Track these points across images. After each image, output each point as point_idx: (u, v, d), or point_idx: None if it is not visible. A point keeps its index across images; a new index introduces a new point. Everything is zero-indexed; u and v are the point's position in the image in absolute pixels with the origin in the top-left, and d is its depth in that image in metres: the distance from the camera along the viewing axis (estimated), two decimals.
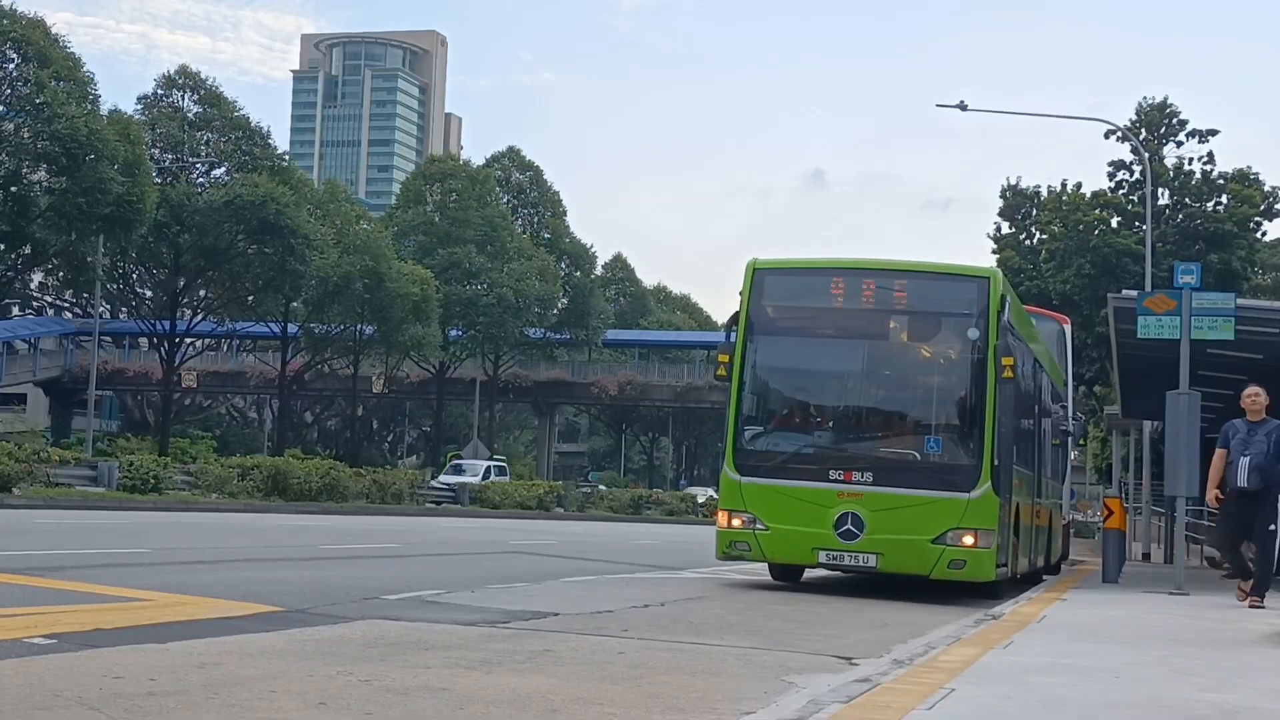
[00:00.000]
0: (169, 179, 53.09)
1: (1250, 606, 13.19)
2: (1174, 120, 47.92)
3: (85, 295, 61.17)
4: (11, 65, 43.30)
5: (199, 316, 61.20)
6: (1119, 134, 45.53)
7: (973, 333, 13.41)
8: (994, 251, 49.73)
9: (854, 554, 13.22)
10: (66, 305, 70.81)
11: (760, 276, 14.08)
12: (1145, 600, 14.51)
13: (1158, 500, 35.29)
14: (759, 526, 13.58)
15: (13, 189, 42.77)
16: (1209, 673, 7.75)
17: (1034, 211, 49.54)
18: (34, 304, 70.82)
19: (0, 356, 70.34)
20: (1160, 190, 45.85)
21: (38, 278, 62.76)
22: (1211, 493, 13.70)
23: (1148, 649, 8.97)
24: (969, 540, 13.10)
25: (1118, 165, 48.34)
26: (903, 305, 13.91)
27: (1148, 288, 30.07)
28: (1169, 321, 15.67)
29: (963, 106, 33.39)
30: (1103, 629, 10.40)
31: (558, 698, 5.97)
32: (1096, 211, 46.81)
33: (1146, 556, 34.28)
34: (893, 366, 14.33)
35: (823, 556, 13.39)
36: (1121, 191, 48.08)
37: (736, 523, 13.71)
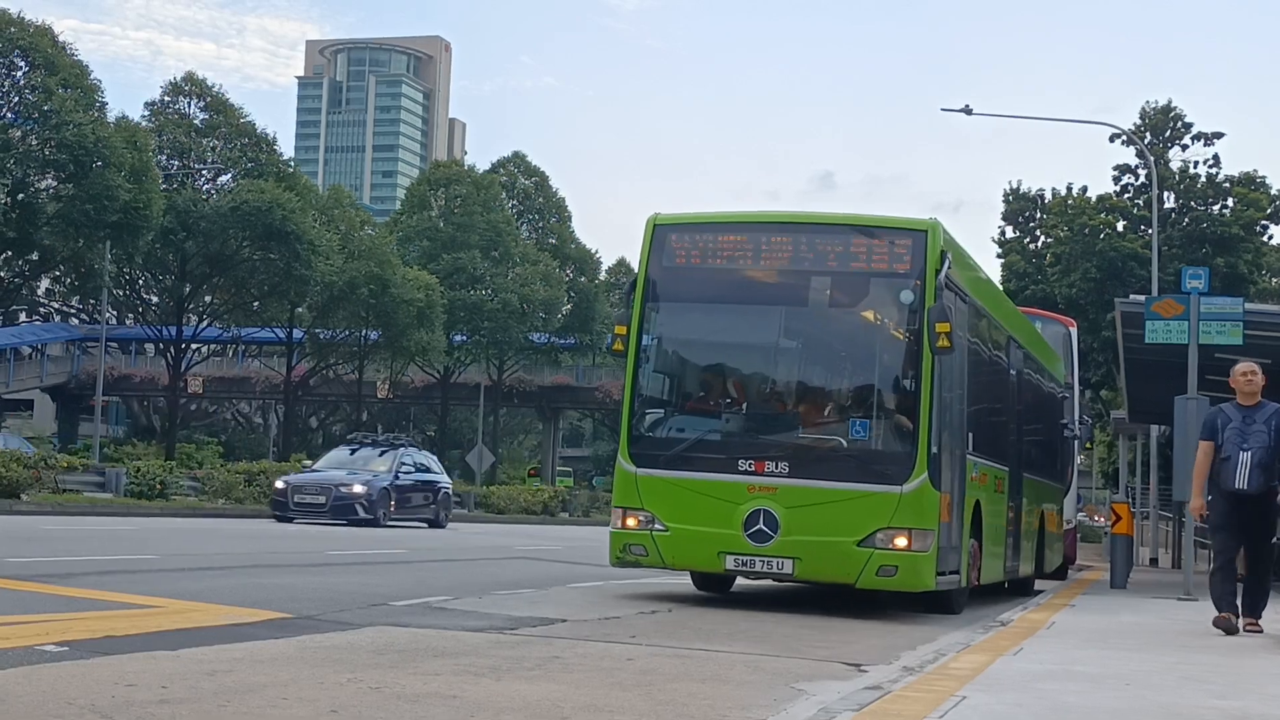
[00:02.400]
0: (175, 185, 53.18)
1: (1246, 630, 10.93)
2: (1179, 124, 47.94)
3: (92, 301, 61.30)
4: (19, 73, 43.40)
5: (205, 322, 61.32)
6: (1124, 138, 45.51)
7: (907, 296, 11.26)
8: (999, 255, 49.78)
9: (766, 559, 11.20)
10: (73, 311, 70.92)
11: (661, 234, 12.05)
12: (1154, 606, 14.49)
13: (1165, 505, 35.26)
14: (657, 527, 11.53)
15: (20, 196, 42.85)
16: (1219, 679, 7.74)
17: (1038, 215, 49.55)
18: (41, 310, 70.92)
19: (8, 363, 70.46)
20: (1166, 194, 45.85)
21: (45, 284, 62.85)
22: (1197, 501, 11.16)
23: (1157, 655, 8.96)
24: (901, 542, 10.94)
25: (1123, 169, 48.38)
26: (826, 265, 11.74)
27: (1154, 291, 30.07)
28: (1177, 326, 15.68)
29: (968, 110, 33.39)
30: (1112, 635, 10.39)
31: (568, 705, 5.97)
32: (1102, 215, 46.84)
33: (1154, 562, 34.26)
34: (814, 337, 12.34)
35: (730, 562, 11.35)
36: (1127, 195, 48.12)
37: (632, 522, 11.65)
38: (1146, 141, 45.90)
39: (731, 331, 12.37)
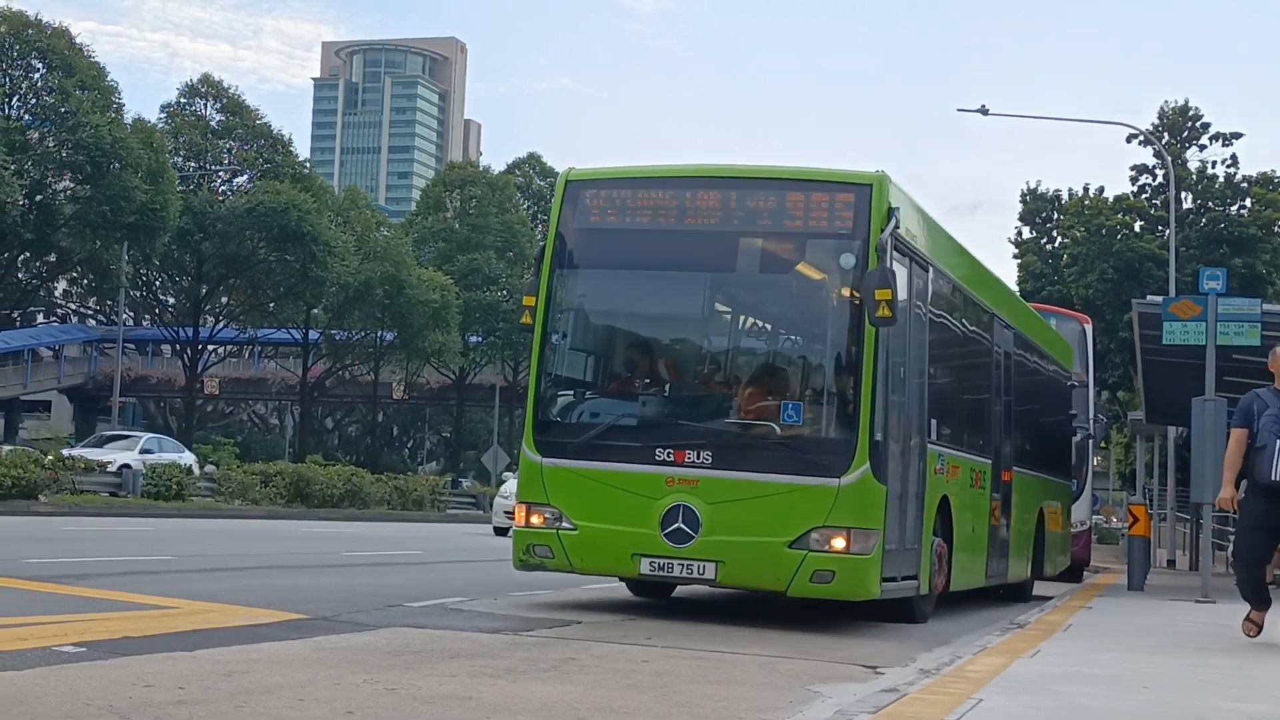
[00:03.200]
0: (192, 187, 53.35)
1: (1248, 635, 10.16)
2: (1197, 124, 47.79)
3: (109, 303, 61.50)
4: (37, 74, 43.62)
5: (221, 323, 61.52)
6: (1141, 138, 45.39)
7: (847, 259, 9.83)
8: (1015, 256, 49.68)
9: (685, 562, 9.76)
10: (90, 313, 71.18)
11: (574, 191, 10.64)
12: (1172, 608, 14.44)
13: (1182, 507, 35.15)
14: (564, 525, 10.08)
15: (38, 198, 43.03)
16: (1238, 682, 7.72)
17: (1055, 216, 49.47)
18: (58, 311, 71.18)
19: (25, 364, 70.72)
20: (1183, 194, 45.71)
21: (62, 285, 63.08)
22: (1228, 491, 9.96)
23: (1175, 658, 8.93)
24: (839, 543, 9.52)
25: (1140, 169, 48.24)
26: (757, 225, 10.35)
27: (1171, 292, 29.99)
28: (1194, 327, 15.63)
29: (984, 111, 33.32)
30: (1129, 637, 10.35)
31: (583, 706, 5.98)
32: (1119, 216, 46.71)
33: (1171, 563, 34.15)
34: (743, 307, 11.15)
35: (646, 565, 9.89)
36: (1144, 195, 47.97)
37: (536, 520, 10.20)
38: (1164, 141, 45.76)
39: (650, 301, 10.94)
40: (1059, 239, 49.17)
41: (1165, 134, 47.00)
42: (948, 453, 11.71)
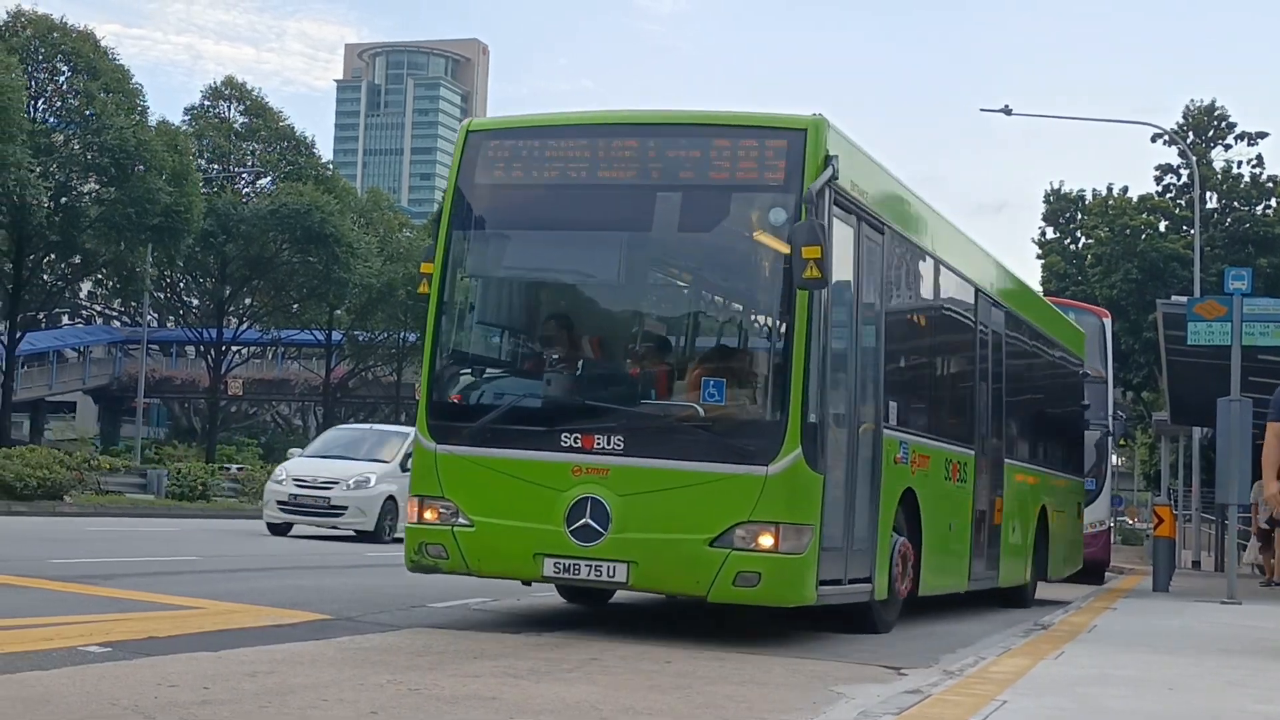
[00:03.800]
0: (215, 189, 53.57)
1: None
2: (1222, 123, 47.59)
3: (133, 304, 61.76)
4: (62, 78, 43.87)
5: (244, 324, 61.72)
6: (1166, 137, 45.20)
7: (778, 215, 8.66)
8: (1039, 256, 49.54)
9: (594, 563, 8.59)
10: (115, 314, 71.54)
11: (475, 143, 9.49)
12: (1197, 609, 14.37)
13: (1207, 508, 34.99)
14: (460, 521, 8.92)
15: (63, 200, 43.27)
16: (1263, 684, 7.68)
17: (1079, 216, 49.32)
18: (83, 313, 71.59)
19: (51, 365, 71.12)
20: (1208, 194, 45.51)
21: (87, 287, 63.42)
22: (1273, 487, 9.51)
23: (1201, 660, 8.89)
24: (766, 540, 8.36)
25: (1165, 169, 48.07)
26: (677, 177, 9.16)
27: (1196, 292, 29.85)
28: (1220, 328, 15.56)
29: (1007, 111, 33.22)
30: (1154, 639, 10.31)
31: (606, 707, 5.98)
32: (1143, 216, 46.55)
33: (1196, 565, 33.99)
34: (660, 272, 9.99)
35: (549, 566, 8.69)
36: (1169, 195, 47.78)
37: (430, 515, 9.06)
38: (1189, 141, 45.55)
39: (558, 266, 9.84)
40: (1083, 239, 49.01)
41: (1190, 133, 46.80)
42: (913, 440, 10.46)
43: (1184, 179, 46.72)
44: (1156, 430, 39.85)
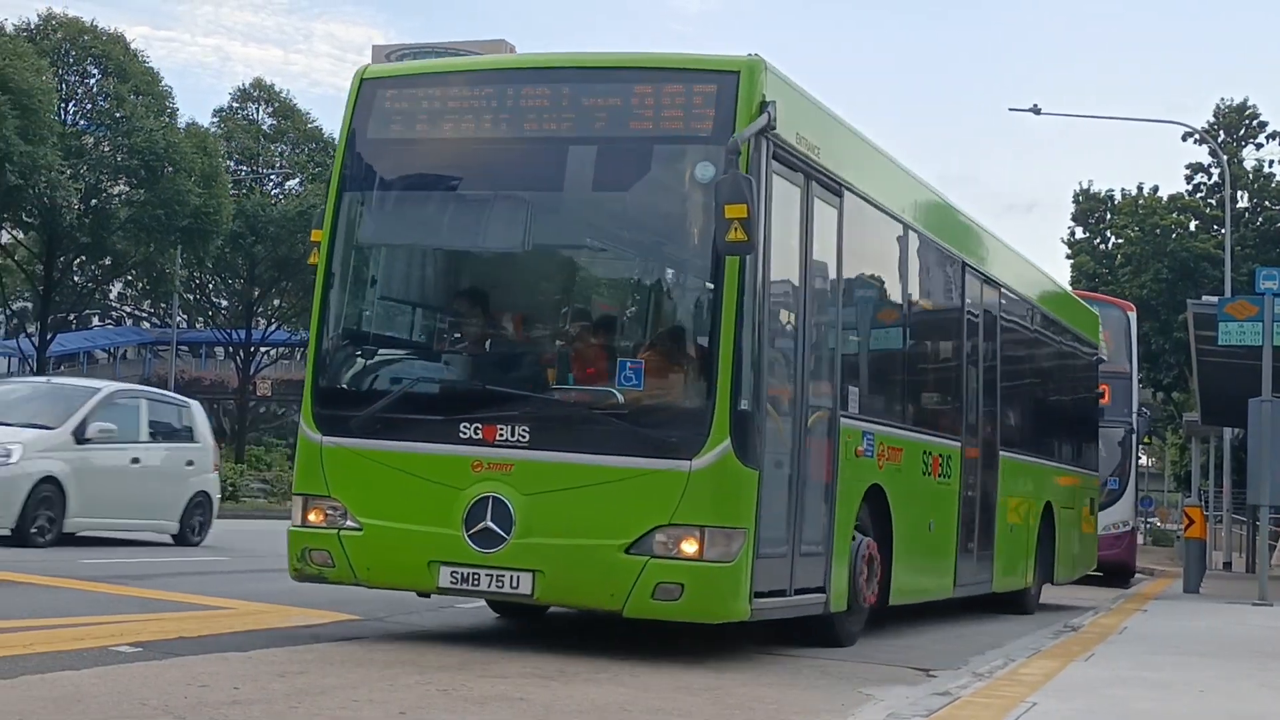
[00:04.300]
0: (244, 190, 53.82)
1: None
2: (1253, 122, 47.29)
3: (163, 305, 62.12)
4: (92, 80, 44.16)
5: (273, 325, 61.97)
6: (1196, 136, 44.94)
7: (705, 171, 7.52)
8: (1068, 256, 49.33)
9: (495, 571, 7.56)
10: (145, 315, 71.91)
11: (369, 94, 8.41)
12: (1228, 611, 14.28)
13: (1238, 509, 34.78)
14: (348, 525, 7.89)
15: (93, 202, 43.52)
16: None
17: (1109, 215, 49.12)
18: (113, 314, 71.98)
19: (81, 366, 71.60)
20: (1239, 193, 45.23)
21: (117, 288, 63.80)
22: None
23: (1232, 662, 8.83)
24: (689, 546, 7.34)
25: (1195, 168, 47.78)
26: (592, 129, 8.03)
27: (1227, 292, 29.67)
28: (1251, 328, 15.46)
29: (1036, 110, 33.08)
30: (1185, 641, 10.25)
31: (635, 709, 5.99)
32: (1173, 215, 46.28)
33: (1228, 566, 33.79)
34: (573, 237, 8.82)
35: (446, 576, 7.66)
36: (1199, 195, 47.51)
37: (314, 517, 8.02)
38: (1220, 140, 45.26)
39: (457, 232, 8.71)
40: (1113, 239, 48.78)
41: (1221, 132, 46.51)
42: (881, 431, 9.42)
43: (1215, 178, 46.44)
44: (1187, 431, 39.63)
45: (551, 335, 8.35)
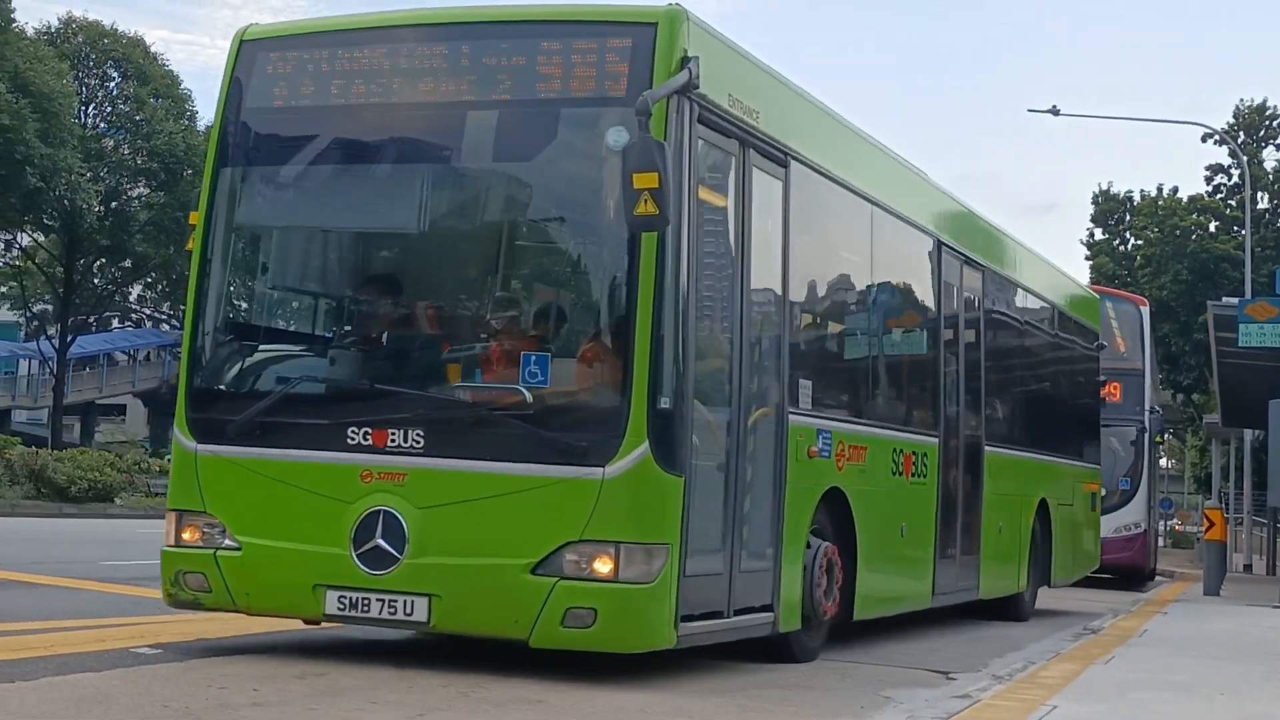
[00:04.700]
0: None
1: None
2: (1273, 123, 47.14)
3: (182, 307, 62.35)
4: (113, 84, 44.39)
5: None
6: (1216, 137, 44.79)
7: (618, 137, 6.55)
8: (1087, 257, 49.22)
9: (387, 596, 6.72)
10: (164, 317, 72.19)
11: (249, 57, 7.55)
12: (1249, 614, 14.22)
13: (1259, 510, 34.62)
14: (227, 544, 7.05)
15: (113, 204, 43.74)
16: None
17: (1128, 217, 49.03)
18: (133, 316, 72.30)
19: (101, 368, 71.91)
20: (1259, 194, 45.06)
21: (137, 290, 64.07)
22: None
23: (1253, 664, 8.80)
24: (603, 566, 6.51)
25: (1215, 169, 47.67)
26: (493, 92, 7.16)
27: (1247, 294, 29.56)
28: (1271, 329, 15.42)
29: (1055, 111, 32.99)
30: (1206, 644, 10.21)
31: (654, 711, 5.99)
32: (1193, 216, 46.16)
33: (1248, 568, 33.64)
34: (473, 215, 7.85)
35: (333, 601, 6.82)
36: (1219, 196, 47.38)
37: (189, 535, 7.17)
38: (1240, 141, 45.10)
39: (345, 211, 7.79)
40: (1132, 240, 48.67)
41: (1241, 133, 46.35)
42: (840, 428, 8.56)
43: (1234, 179, 46.29)
44: (1207, 432, 39.47)
45: (450, 326, 7.47)
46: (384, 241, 8.02)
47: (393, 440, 6.83)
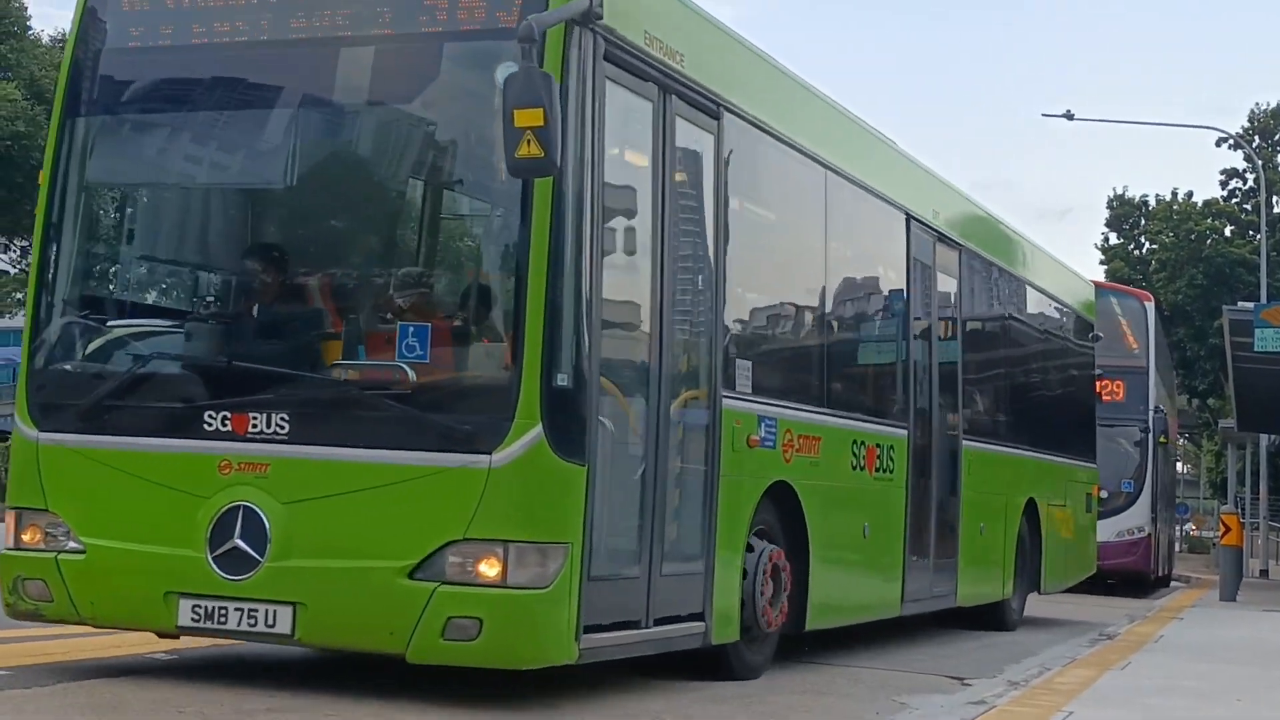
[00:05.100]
0: None
1: None
2: None
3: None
4: None
5: None
6: (1231, 141, 44.69)
7: (509, 74, 5.71)
8: (1102, 262, 49.13)
9: (245, 605, 5.92)
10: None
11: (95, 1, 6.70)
12: (1266, 619, 14.18)
13: (1275, 515, 34.53)
14: (70, 546, 6.27)
15: None
16: None
17: (1143, 221, 48.97)
18: None
19: None
20: (1275, 198, 44.94)
21: None
22: None
23: (1269, 670, 8.78)
24: (489, 569, 5.72)
25: (1230, 173, 47.58)
26: (370, 26, 6.36)
27: (1263, 298, 29.50)
28: None
29: (1069, 116, 32.93)
30: (1222, 649, 10.18)
31: (669, 717, 5.98)
32: (1208, 220, 46.07)
33: (1264, 574, 33.52)
34: (346, 165, 6.93)
35: (186, 611, 6.03)
36: (1234, 200, 47.29)
37: (29, 536, 6.39)
38: (1255, 145, 45.01)
39: (206, 165, 7.05)
40: (1147, 245, 48.60)
41: (1256, 137, 46.27)
42: (788, 415, 7.73)
43: (1249, 183, 46.20)
44: (1223, 437, 39.37)
45: (320, 296, 6.57)
46: (248, 200, 7.05)
47: (254, 426, 6.03)
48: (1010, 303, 12.45)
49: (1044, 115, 62.38)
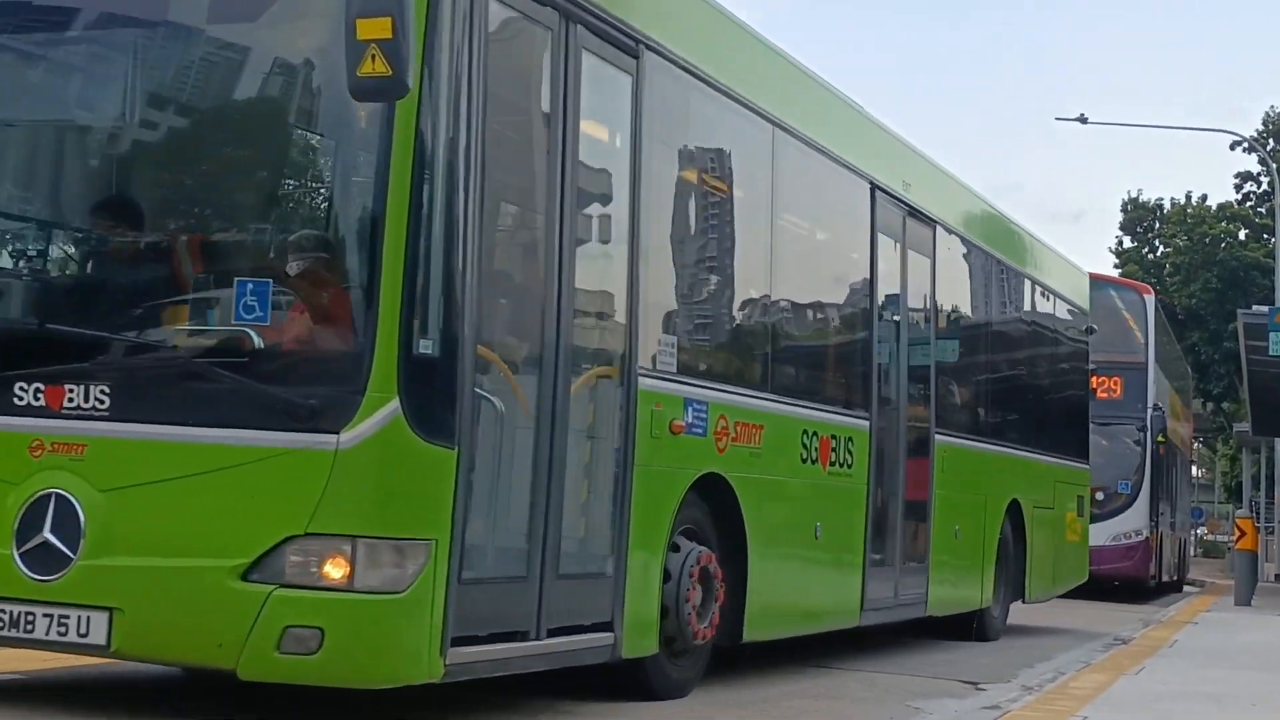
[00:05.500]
0: None
1: None
2: None
3: None
4: None
5: None
6: (1245, 144, 44.60)
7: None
8: (1116, 266, 49.05)
9: (54, 610, 5.04)
10: None
11: None
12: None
13: None
14: None
15: None
16: None
17: (1157, 225, 48.91)
18: None
19: None
20: None
21: None
22: None
23: None
24: (335, 570, 4.88)
25: (1244, 176, 47.48)
26: None
27: (1277, 302, 29.43)
28: None
29: (1083, 119, 32.91)
30: (1237, 654, 10.16)
31: None
32: (1223, 224, 45.98)
33: (1279, 578, 33.47)
34: (183, 96, 5.82)
35: None
36: (1249, 203, 47.19)
37: None
38: (1269, 148, 44.88)
39: (30, 98, 5.95)
40: (1161, 248, 48.53)
41: (1270, 140, 46.13)
42: (722, 398, 6.89)
43: (1264, 186, 46.11)
44: (1238, 441, 39.28)
45: (147, 249, 5.57)
46: (67, 137, 6.01)
47: (70, 400, 5.15)
48: (995, 288, 11.55)
49: (1058, 119, 61.87)
